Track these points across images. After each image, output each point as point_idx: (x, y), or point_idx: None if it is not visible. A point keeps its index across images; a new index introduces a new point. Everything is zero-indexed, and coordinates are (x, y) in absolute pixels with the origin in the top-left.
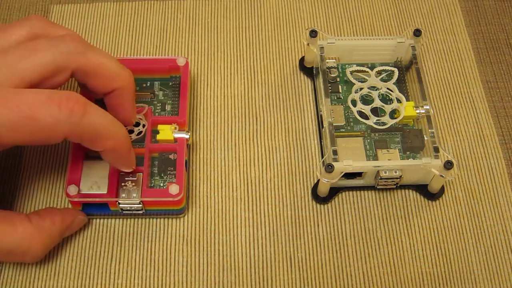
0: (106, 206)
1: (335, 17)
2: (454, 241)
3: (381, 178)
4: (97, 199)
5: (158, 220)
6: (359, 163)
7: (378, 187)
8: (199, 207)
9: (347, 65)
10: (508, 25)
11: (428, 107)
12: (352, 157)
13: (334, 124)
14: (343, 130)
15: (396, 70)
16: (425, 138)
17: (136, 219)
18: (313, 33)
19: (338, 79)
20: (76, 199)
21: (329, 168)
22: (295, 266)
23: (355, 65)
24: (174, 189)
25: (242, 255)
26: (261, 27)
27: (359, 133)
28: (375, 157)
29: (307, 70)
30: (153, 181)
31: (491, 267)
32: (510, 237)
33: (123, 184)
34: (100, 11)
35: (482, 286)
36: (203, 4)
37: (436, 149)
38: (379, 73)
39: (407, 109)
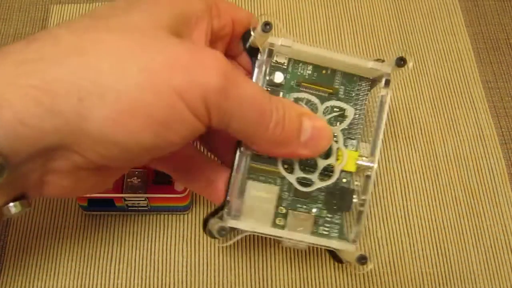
0: (111, 203)
1: (335, 17)
2: (454, 241)
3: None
4: (103, 195)
5: (158, 219)
6: (262, 228)
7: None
8: (199, 207)
9: (300, 65)
10: (508, 25)
11: (373, 165)
12: (257, 212)
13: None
14: (262, 159)
15: (352, 111)
16: (354, 200)
17: (136, 219)
18: (267, 27)
19: (282, 83)
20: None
21: (221, 232)
22: (295, 266)
23: (311, 66)
24: (179, 186)
25: (242, 255)
26: None
27: (278, 171)
28: (285, 216)
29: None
30: (158, 178)
31: (491, 267)
32: (510, 237)
33: (128, 180)
34: None
35: (482, 286)
36: None
37: (358, 235)
38: (329, 108)
39: (347, 163)
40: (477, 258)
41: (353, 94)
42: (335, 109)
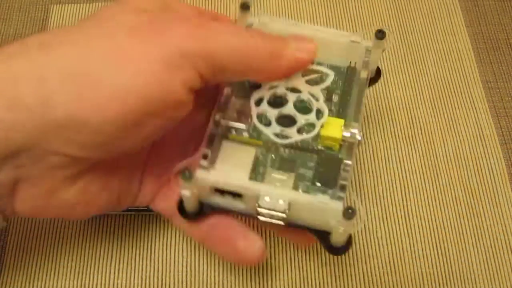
0: None
1: (335, 17)
2: (454, 241)
3: (259, 207)
4: None
5: (158, 219)
6: (232, 179)
7: (259, 217)
8: None
9: None
10: (508, 25)
11: (356, 131)
12: (232, 169)
13: (234, 125)
14: (245, 133)
15: (331, 73)
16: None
17: (136, 219)
18: (245, 6)
19: None
20: None
21: (185, 175)
22: (295, 266)
23: None
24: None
25: None
26: None
27: (260, 142)
28: (263, 176)
29: None
30: None
31: (491, 267)
32: (510, 237)
33: None
34: None
35: (482, 286)
36: (203, 4)
37: (343, 188)
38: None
39: (332, 127)
40: (477, 258)
41: (341, 83)
42: (314, 72)
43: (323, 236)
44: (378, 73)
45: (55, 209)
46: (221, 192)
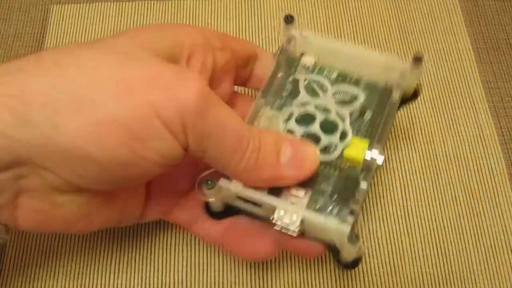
0: None
1: (335, 17)
2: (454, 241)
3: (274, 220)
4: None
5: (158, 219)
6: (250, 191)
7: (274, 227)
8: None
9: (326, 70)
10: (508, 25)
11: (376, 152)
12: None
13: None
14: None
15: (361, 95)
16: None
17: None
18: (289, 19)
19: (305, 81)
20: None
21: (208, 184)
22: (295, 266)
23: (336, 72)
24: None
25: None
26: (261, 27)
27: None
28: (280, 192)
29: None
30: None
31: (491, 267)
32: (510, 237)
33: None
34: (100, 11)
35: (482, 286)
36: (203, 4)
37: (352, 213)
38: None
39: (355, 148)
40: (477, 258)
41: (375, 102)
42: (345, 93)
43: (334, 250)
44: (414, 94)
45: (57, 222)
46: (243, 198)
